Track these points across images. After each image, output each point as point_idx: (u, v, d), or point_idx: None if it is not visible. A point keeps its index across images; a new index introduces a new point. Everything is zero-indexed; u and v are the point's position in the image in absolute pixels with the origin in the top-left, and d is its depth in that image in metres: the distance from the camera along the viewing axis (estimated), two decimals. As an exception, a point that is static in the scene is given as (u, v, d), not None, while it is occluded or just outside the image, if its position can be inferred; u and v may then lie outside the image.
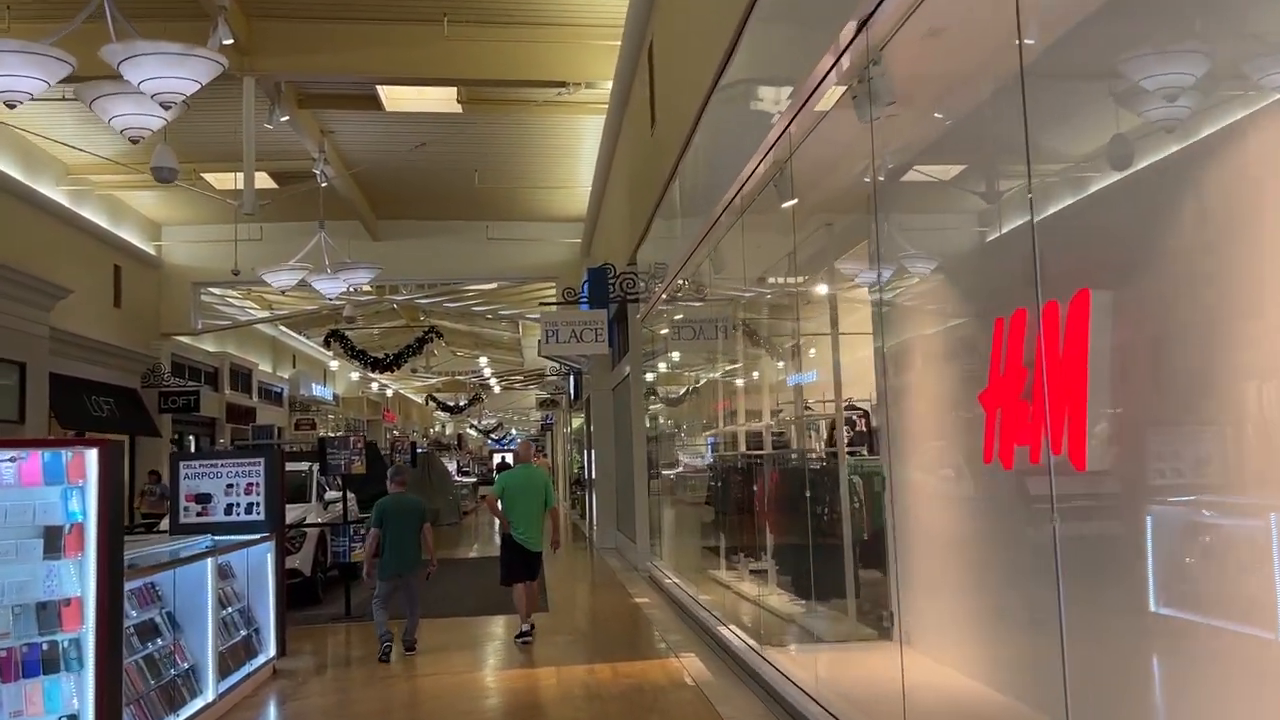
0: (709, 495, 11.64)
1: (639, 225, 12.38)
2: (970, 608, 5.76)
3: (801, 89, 5.37)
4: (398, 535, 8.47)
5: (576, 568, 15.02)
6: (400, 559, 8.48)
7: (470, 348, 34.66)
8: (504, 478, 9.62)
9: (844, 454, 7.65)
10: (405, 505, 8.69)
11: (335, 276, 16.36)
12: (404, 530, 8.52)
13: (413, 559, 8.56)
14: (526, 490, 9.17)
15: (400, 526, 8.52)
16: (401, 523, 8.54)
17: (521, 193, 20.00)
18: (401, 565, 8.49)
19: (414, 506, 8.73)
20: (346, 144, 17.45)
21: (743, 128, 7.11)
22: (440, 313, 27.57)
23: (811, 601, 8.52)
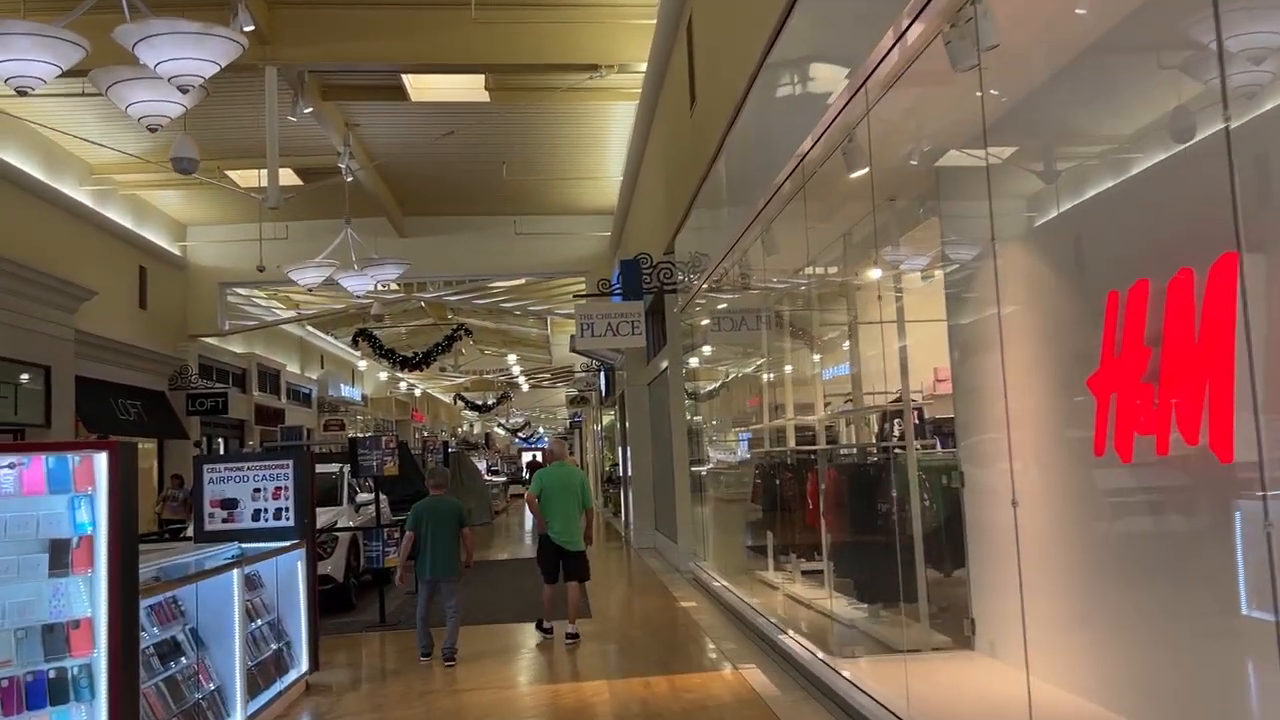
0: (754, 492, 11.12)
1: (677, 212, 11.85)
2: (1073, 614, 5.20)
3: (880, 42, 4.81)
4: (434, 539, 8.23)
5: (615, 569, 14.53)
6: (436, 563, 8.23)
7: (498, 346, 34.28)
8: (541, 476, 9.32)
9: (913, 449, 7.10)
10: (442, 508, 8.42)
11: (363, 273, 15.95)
12: (440, 534, 8.26)
13: (450, 564, 8.28)
14: (564, 489, 8.95)
15: (436, 530, 8.26)
16: (437, 526, 8.28)
17: (550, 185, 19.54)
18: (438, 569, 8.24)
19: (451, 510, 8.44)
20: (372, 137, 17.03)
21: (802, 95, 6.56)
22: (468, 310, 27.18)
23: (876, 605, 7.99)
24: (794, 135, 6.65)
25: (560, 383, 40.64)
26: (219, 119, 15.57)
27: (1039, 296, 5.60)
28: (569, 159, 18.21)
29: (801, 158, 6.64)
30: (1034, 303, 5.65)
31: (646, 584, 12.36)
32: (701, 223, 10.85)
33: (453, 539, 8.29)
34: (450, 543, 8.28)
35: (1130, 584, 4.71)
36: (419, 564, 8.31)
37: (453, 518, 8.36)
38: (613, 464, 27.27)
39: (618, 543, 18.36)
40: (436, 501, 8.49)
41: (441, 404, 55.72)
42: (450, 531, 8.30)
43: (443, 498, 8.59)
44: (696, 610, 10.10)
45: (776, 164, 7.14)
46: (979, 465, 6.41)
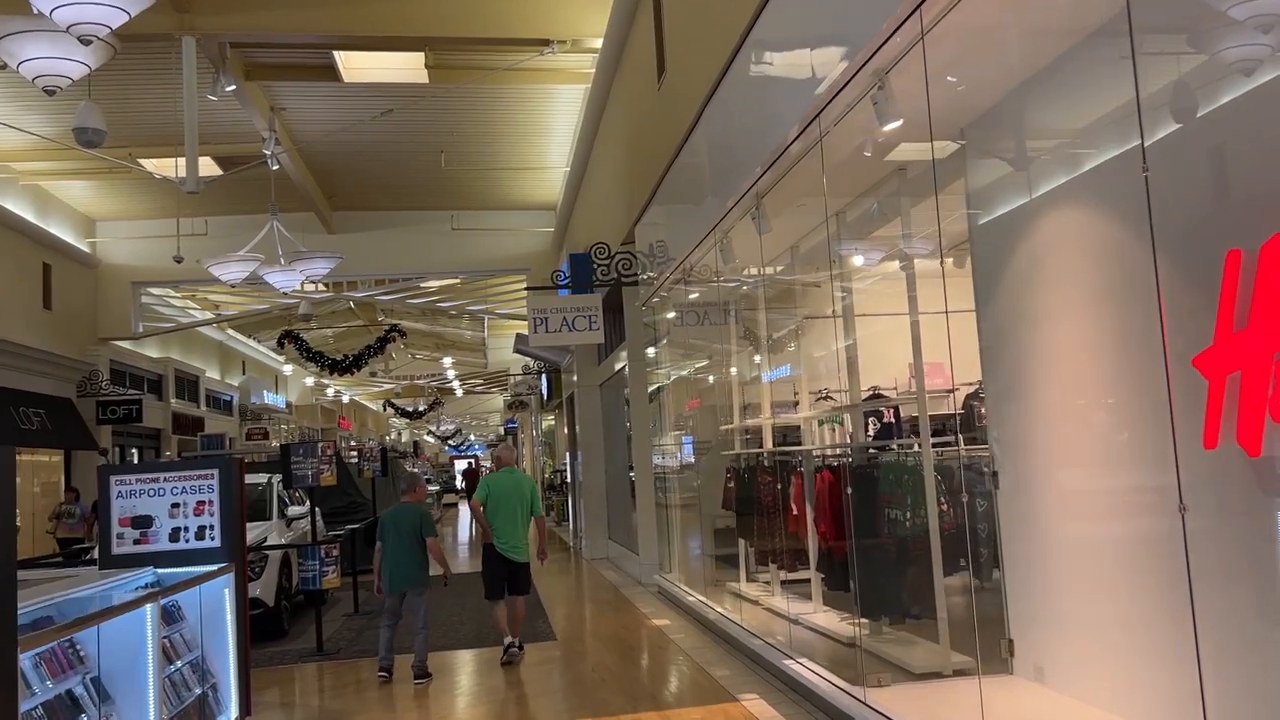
0: (727, 498, 10.31)
1: (639, 198, 11.00)
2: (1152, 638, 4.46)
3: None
4: (395, 549, 7.89)
5: (570, 583, 13.59)
6: (397, 574, 7.87)
7: (432, 349, 33.04)
8: (489, 481, 8.75)
9: (928, 448, 6.35)
10: (404, 517, 7.99)
11: (290, 268, 14.80)
12: (402, 544, 7.88)
13: (412, 575, 7.89)
14: (511, 496, 8.46)
15: (398, 539, 7.89)
16: (398, 536, 7.89)
17: (490, 177, 18.55)
18: (398, 581, 7.87)
19: (413, 518, 8.00)
20: (300, 123, 15.87)
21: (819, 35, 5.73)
22: (401, 311, 26.00)
23: (882, 621, 7.23)
24: (801, 94, 5.84)
25: (495, 388, 39.50)
26: (131, 98, 14.32)
27: (1100, 261, 4.86)
28: (511, 148, 17.26)
29: (817, 113, 5.81)
30: (1093, 269, 4.92)
31: (609, 600, 11.46)
32: (670, 206, 10.01)
33: (416, 549, 7.89)
34: (412, 553, 7.88)
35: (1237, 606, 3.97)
36: (384, 574, 7.94)
37: (414, 527, 7.92)
38: (554, 470, 26.31)
39: (566, 553, 17.41)
40: (398, 510, 8.08)
41: (369, 411, 54.07)
42: (412, 541, 7.88)
43: (406, 505, 8.11)
44: (672, 629, 9.23)
45: (780, 125, 6.32)
46: (1019, 462, 5.68)
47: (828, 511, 7.46)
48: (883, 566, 6.68)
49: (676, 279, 10.36)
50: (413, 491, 8.33)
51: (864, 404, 7.86)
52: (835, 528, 7.43)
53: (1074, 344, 5.14)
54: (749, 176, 7.11)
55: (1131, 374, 4.63)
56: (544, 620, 10.12)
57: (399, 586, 7.88)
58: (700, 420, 11.53)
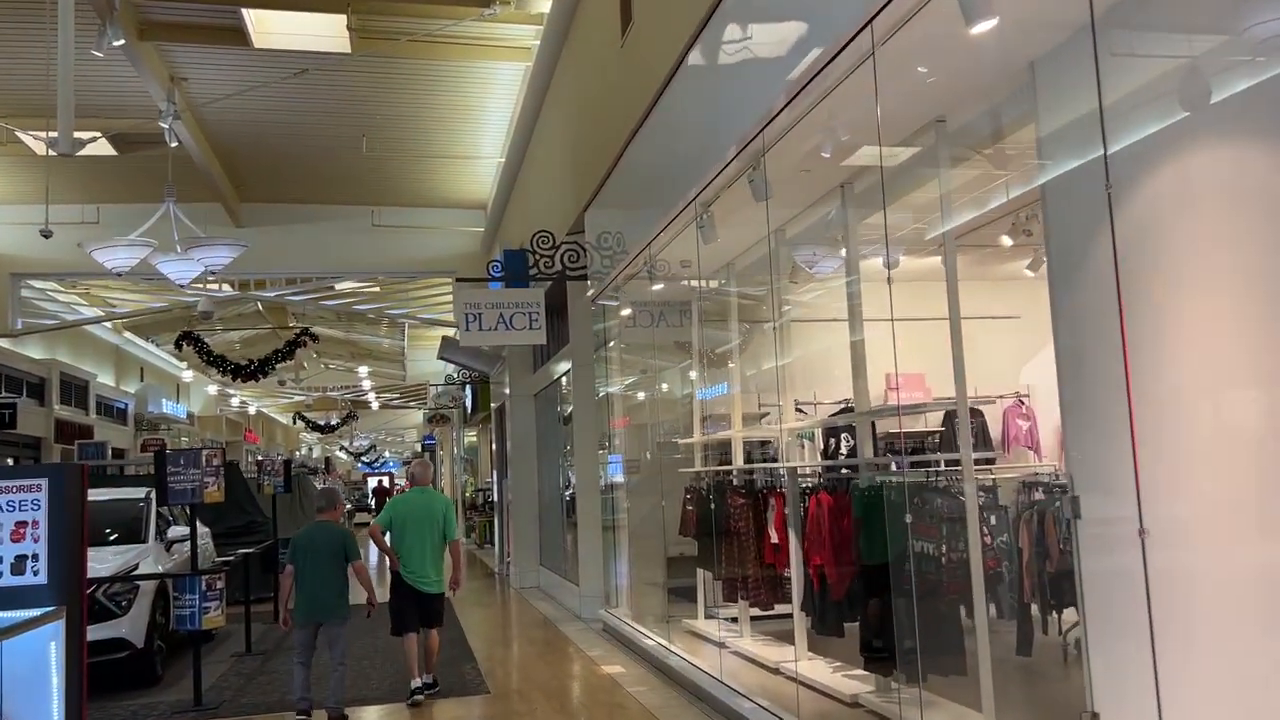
0: (686, 522, 9.00)
1: (592, 177, 9.68)
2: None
3: None
4: (311, 574, 6.98)
5: (498, 617, 12.09)
6: (313, 603, 6.98)
7: (347, 359, 31.15)
8: (395, 504, 7.97)
9: (970, 466, 5.12)
10: (323, 538, 7.09)
11: (187, 256, 13.13)
12: (319, 568, 6.98)
13: (331, 604, 7.00)
14: (421, 519, 7.63)
15: (314, 563, 6.99)
16: (316, 559, 6.99)
17: (416, 168, 17.05)
18: (315, 611, 6.99)
19: (334, 539, 7.09)
20: (204, 98, 14.18)
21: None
22: (314, 315, 24.22)
23: (893, 676, 5.98)
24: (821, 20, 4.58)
25: (414, 401, 37.65)
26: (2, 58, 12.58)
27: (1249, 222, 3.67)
28: (441, 135, 15.79)
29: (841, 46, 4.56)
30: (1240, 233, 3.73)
31: (547, 639, 10.01)
32: (634, 184, 8.70)
33: (335, 575, 7.02)
34: (331, 579, 7.00)
35: None
36: (295, 603, 7.04)
37: (336, 549, 7.03)
38: (476, 489, 24.70)
39: (491, 580, 15.86)
40: (315, 529, 7.18)
41: (278, 424, 51.51)
42: (332, 566, 7.00)
43: (326, 525, 7.22)
44: (628, 678, 7.84)
45: (793, 58, 5.06)
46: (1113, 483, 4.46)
47: (826, 542, 6.19)
48: (903, 611, 5.42)
49: (635, 272, 9.04)
50: (332, 509, 7.41)
51: (870, 413, 6.62)
52: (835, 562, 6.16)
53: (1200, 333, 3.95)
54: (738, 138, 5.84)
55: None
56: (471, 666, 8.64)
57: (315, 618, 6.98)
58: (654, 434, 10.22)
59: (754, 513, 7.74)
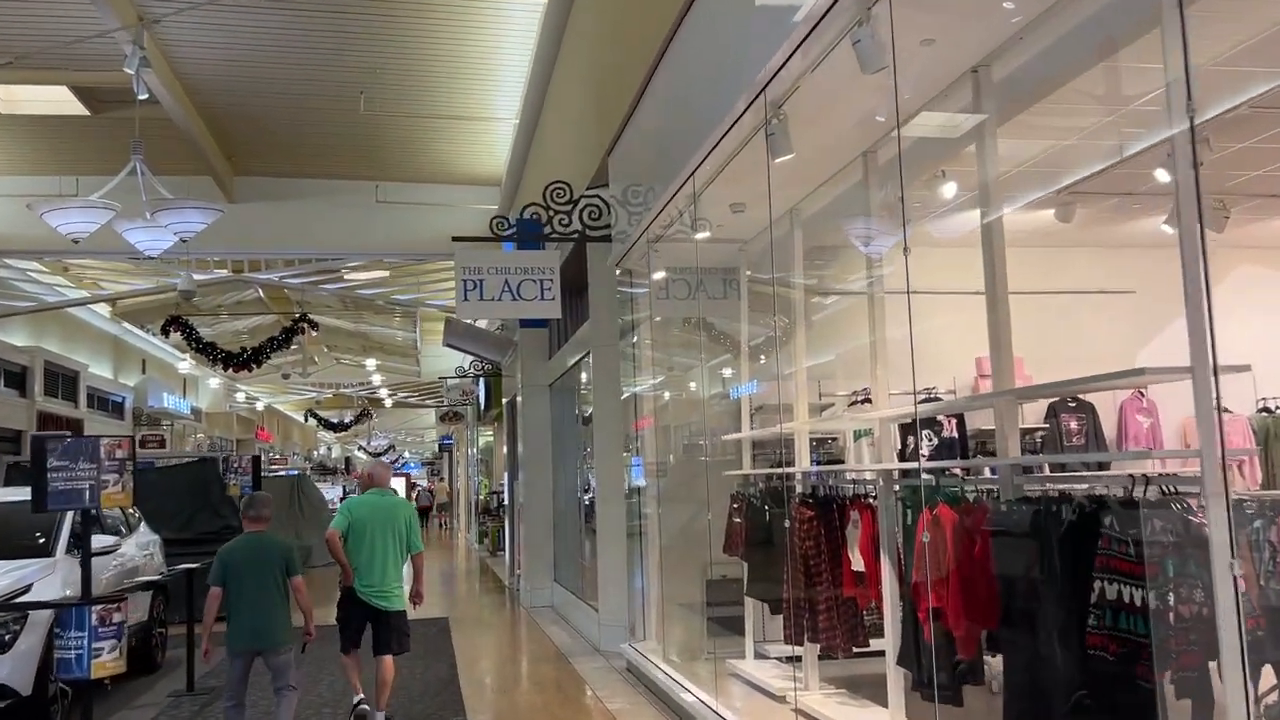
0: (732, 538, 7.20)
1: (615, 114, 7.88)
2: None
3: None
4: (249, 594, 5.99)
5: (502, 646, 10.29)
6: (253, 628, 5.98)
7: (358, 353, 29.50)
8: (350, 506, 7.19)
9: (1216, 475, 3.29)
10: (261, 551, 6.11)
11: (155, 224, 11.47)
12: (258, 587, 6.00)
13: (273, 629, 6.02)
14: (380, 526, 6.84)
15: (252, 581, 6.00)
16: (254, 576, 6.01)
17: (421, 132, 15.31)
18: (255, 637, 6.00)
19: (274, 552, 6.13)
20: (181, 45, 12.49)
21: None
22: (319, 303, 22.58)
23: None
24: None
25: (430, 399, 35.97)
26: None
27: None
28: (449, 92, 14.03)
29: None
30: None
31: (558, 680, 8.20)
32: (667, 110, 6.88)
33: (276, 595, 6.04)
34: (271, 601, 6.02)
35: None
36: (229, 629, 6.01)
37: (276, 563, 6.07)
38: (490, 492, 22.96)
39: (499, 596, 14.06)
40: (253, 541, 6.16)
41: (294, 423, 50.03)
42: (273, 583, 6.04)
43: (263, 536, 6.20)
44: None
45: None
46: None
47: (952, 579, 4.33)
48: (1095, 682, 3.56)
49: (670, 223, 7.23)
50: (261, 518, 6.29)
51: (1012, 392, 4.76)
52: (964, 608, 4.30)
53: None
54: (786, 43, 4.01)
55: None
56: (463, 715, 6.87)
57: (253, 646, 5.97)
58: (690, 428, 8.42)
59: (828, 529, 5.91)
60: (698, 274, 8.31)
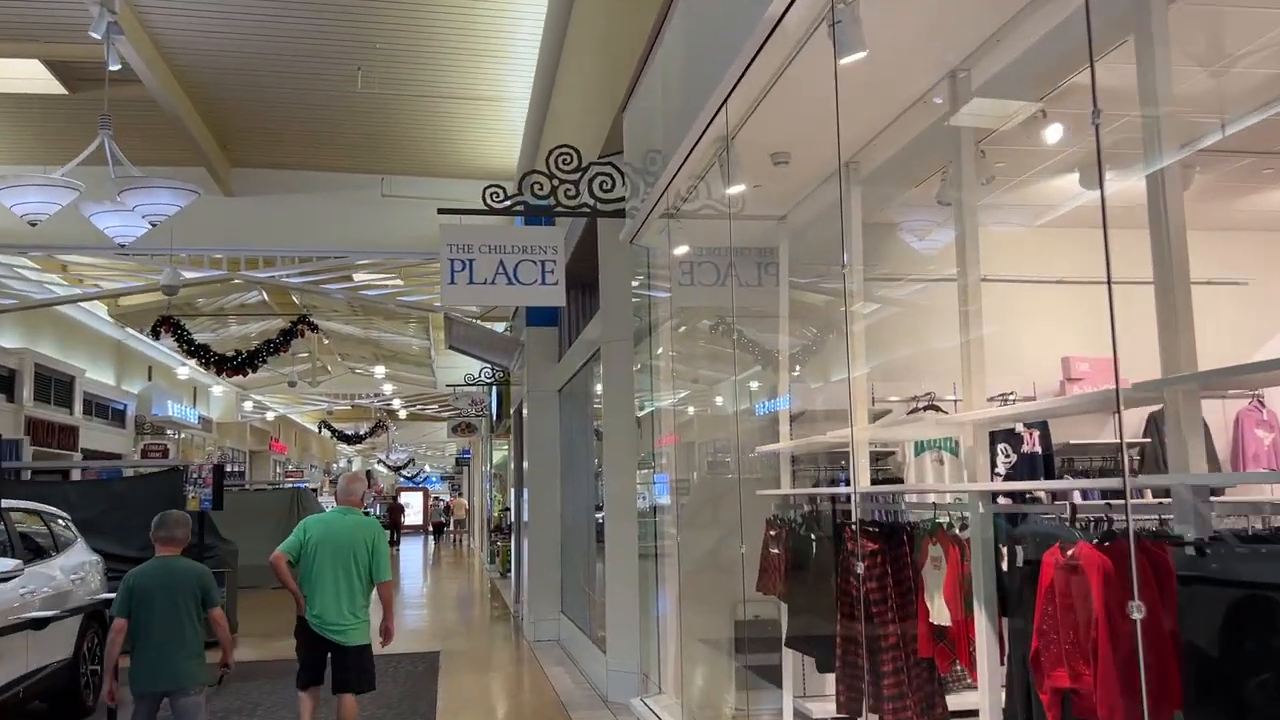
0: (769, 574, 5.85)
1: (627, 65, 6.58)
2: None
3: None
4: (157, 627, 5.29)
5: (494, 689, 8.94)
6: (158, 667, 5.30)
7: (370, 361, 28.35)
8: (308, 525, 6.39)
9: None
10: (171, 578, 5.41)
11: (122, 206, 10.36)
12: (167, 620, 5.31)
13: (181, 668, 5.31)
14: (339, 549, 6.14)
15: (161, 613, 5.30)
16: (164, 607, 5.31)
17: (428, 121, 14.13)
18: (161, 677, 5.31)
19: (188, 580, 5.44)
20: (162, 17, 11.33)
21: None
22: (325, 306, 21.44)
23: None
24: None
25: (446, 411, 34.79)
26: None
27: None
28: (458, 71, 12.82)
29: None
30: None
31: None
32: (687, 49, 5.55)
33: (189, 628, 5.37)
34: (182, 634, 5.34)
35: None
36: (131, 667, 5.36)
37: (189, 593, 5.42)
38: (503, 508, 21.67)
39: (503, 626, 12.71)
40: (164, 567, 5.50)
41: (313, 434, 48.99)
42: (185, 615, 5.37)
43: (175, 561, 5.54)
44: None
45: None
46: None
47: (1103, 648, 2.96)
48: None
49: (692, 184, 5.91)
50: (173, 540, 5.51)
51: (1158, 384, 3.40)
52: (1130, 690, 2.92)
53: None
54: None
55: None
56: None
57: (159, 686, 5.34)
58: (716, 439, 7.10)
59: (896, 568, 4.56)
60: (728, 255, 7.00)
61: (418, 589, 20.07)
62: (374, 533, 6.30)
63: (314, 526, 6.23)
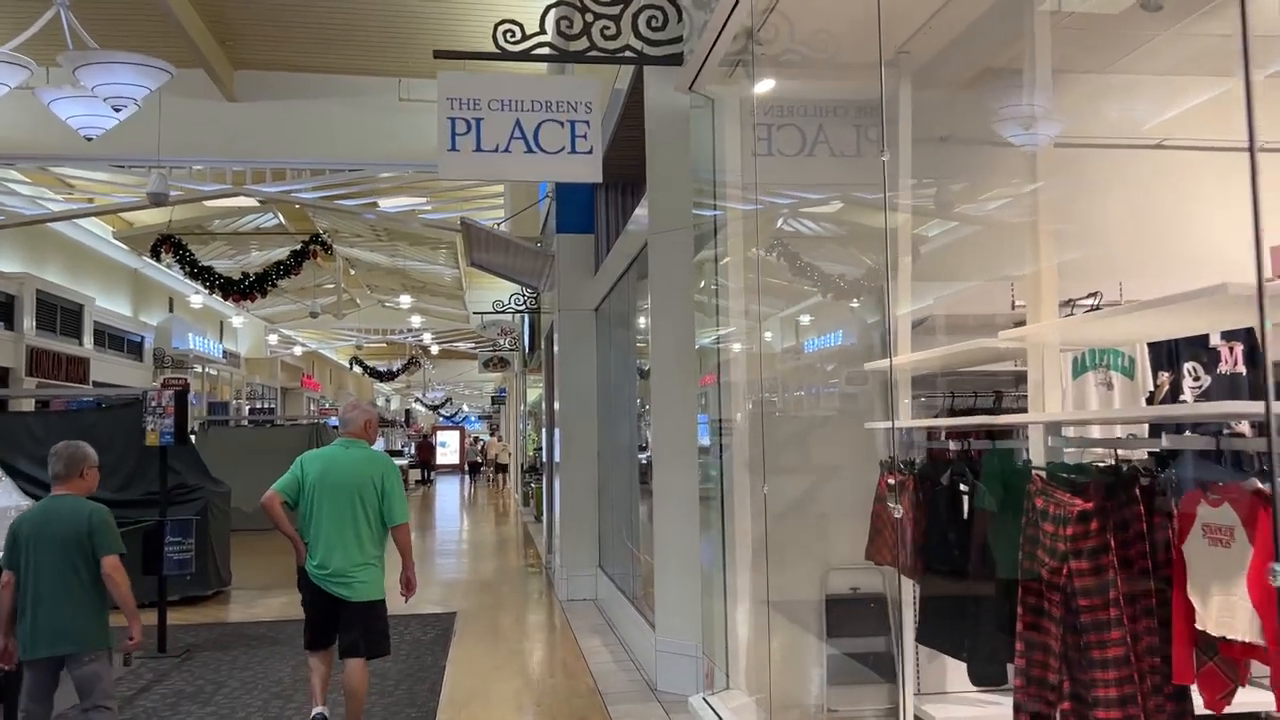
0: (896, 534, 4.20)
1: None
2: None
3: None
4: (43, 582, 4.38)
5: (516, 665, 7.37)
6: (46, 629, 4.37)
7: (398, 291, 26.84)
8: (303, 460, 5.37)
9: None
10: (53, 524, 4.43)
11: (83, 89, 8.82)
12: (53, 572, 4.38)
13: (73, 628, 4.38)
14: (338, 489, 5.17)
15: (45, 565, 4.39)
16: (48, 557, 4.39)
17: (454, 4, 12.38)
18: (42, 640, 4.38)
19: (71, 525, 4.40)
20: None
21: None
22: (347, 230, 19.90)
23: None
24: None
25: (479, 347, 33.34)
26: None
27: None
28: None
29: None
30: None
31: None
32: None
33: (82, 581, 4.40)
34: (72, 589, 4.38)
35: None
36: (19, 630, 4.43)
37: (74, 540, 4.39)
38: (536, 448, 20.21)
39: (534, 581, 11.21)
40: (49, 510, 4.49)
41: (349, 373, 47.88)
42: (70, 567, 4.38)
43: (61, 501, 4.49)
44: None
45: None
46: None
47: None
48: None
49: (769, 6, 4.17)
50: (72, 475, 4.55)
51: None
52: None
53: None
54: None
55: None
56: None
57: (52, 650, 4.39)
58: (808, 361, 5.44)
59: (1124, 541, 2.87)
60: (818, 114, 5.28)
61: (441, 534, 18.71)
62: (384, 469, 5.33)
63: (312, 462, 5.33)
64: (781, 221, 6.35)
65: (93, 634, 4.45)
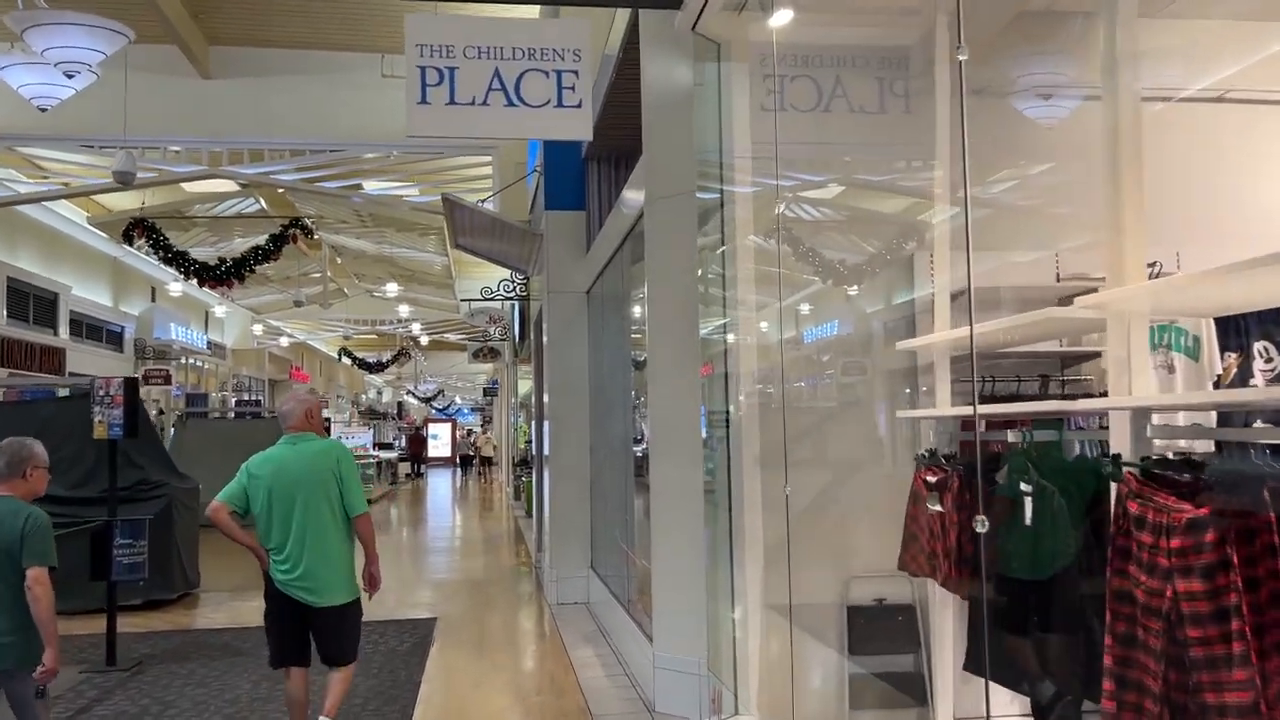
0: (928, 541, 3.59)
1: None
2: None
3: None
4: None
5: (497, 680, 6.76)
6: None
7: (385, 280, 26.17)
8: (249, 465, 4.95)
9: None
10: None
11: (35, 56, 8.18)
12: None
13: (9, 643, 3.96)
14: (294, 487, 4.82)
15: None
16: None
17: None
18: None
19: (8, 529, 3.96)
20: None
21: None
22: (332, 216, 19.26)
23: None
24: None
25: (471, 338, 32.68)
26: None
27: None
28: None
29: None
30: None
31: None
32: None
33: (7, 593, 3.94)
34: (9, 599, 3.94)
35: None
36: None
37: (9, 546, 3.95)
38: (526, 440, 19.62)
39: (522, 583, 10.59)
40: None
41: (339, 365, 47.17)
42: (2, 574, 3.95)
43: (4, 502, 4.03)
44: None
45: None
46: None
47: None
48: None
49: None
50: (16, 476, 4.09)
51: None
52: None
53: None
54: None
55: None
56: None
57: None
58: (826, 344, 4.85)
59: (1248, 556, 2.25)
60: (835, 66, 4.67)
61: (427, 529, 18.08)
62: (337, 457, 4.93)
63: (261, 466, 4.91)
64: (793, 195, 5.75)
65: (24, 650, 3.98)
